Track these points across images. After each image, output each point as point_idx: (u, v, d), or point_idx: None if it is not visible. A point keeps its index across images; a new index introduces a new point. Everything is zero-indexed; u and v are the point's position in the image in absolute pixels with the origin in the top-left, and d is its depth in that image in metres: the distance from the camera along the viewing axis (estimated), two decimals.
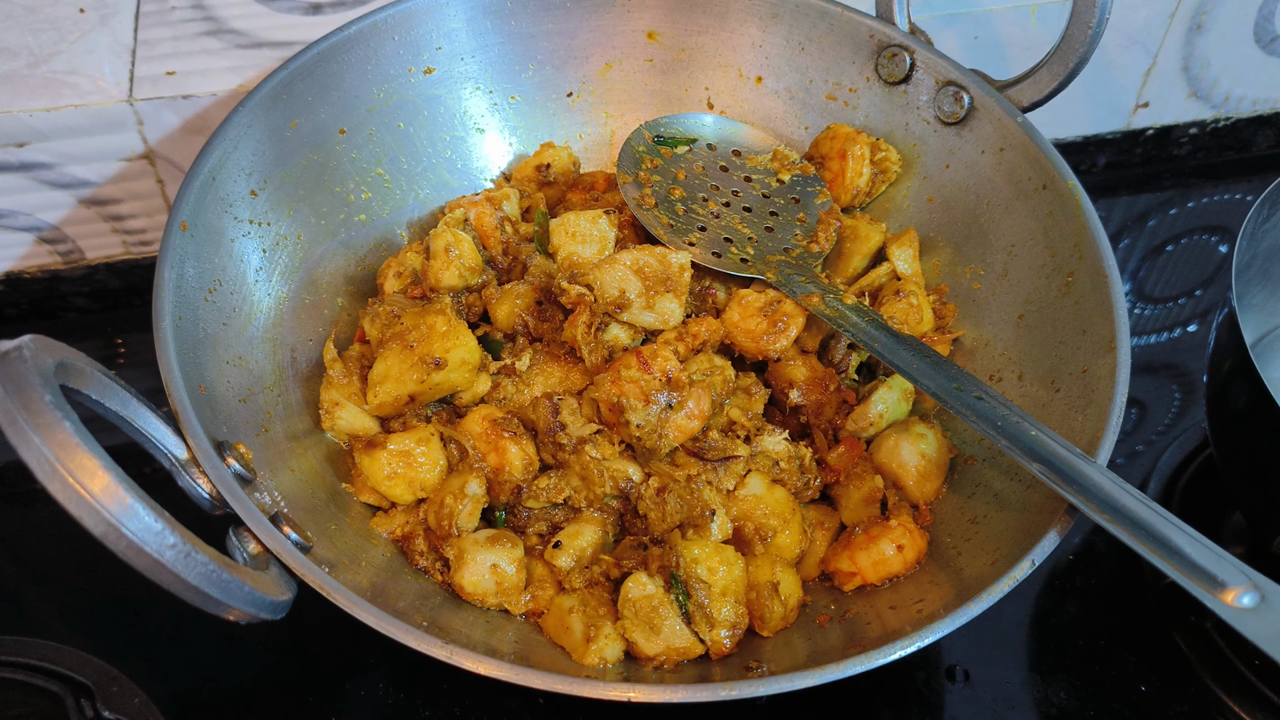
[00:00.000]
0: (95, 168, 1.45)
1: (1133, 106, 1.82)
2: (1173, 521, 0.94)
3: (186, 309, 1.08)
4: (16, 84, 1.37)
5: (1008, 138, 1.32)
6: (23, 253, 1.53)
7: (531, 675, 0.91)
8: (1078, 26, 1.25)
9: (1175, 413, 1.54)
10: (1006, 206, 1.32)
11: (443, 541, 1.11)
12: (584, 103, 1.50)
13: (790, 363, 1.24)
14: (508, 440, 1.14)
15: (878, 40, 1.41)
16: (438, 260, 1.23)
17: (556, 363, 1.21)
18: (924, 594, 1.08)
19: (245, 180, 1.21)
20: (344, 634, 0.98)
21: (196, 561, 0.79)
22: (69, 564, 1.32)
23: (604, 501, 1.15)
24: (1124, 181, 1.90)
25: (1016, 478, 1.15)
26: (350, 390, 1.19)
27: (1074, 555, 1.34)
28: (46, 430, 0.74)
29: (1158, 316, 1.69)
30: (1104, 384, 1.12)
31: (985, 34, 1.62)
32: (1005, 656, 1.26)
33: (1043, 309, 1.26)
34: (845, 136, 1.41)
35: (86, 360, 0.89)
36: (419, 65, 1.38)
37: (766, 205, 1.38)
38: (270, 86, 1.23)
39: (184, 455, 0.96)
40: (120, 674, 1.19)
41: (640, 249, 1.19)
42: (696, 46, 1.48)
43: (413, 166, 1.41)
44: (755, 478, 1.16)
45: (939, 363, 1.15)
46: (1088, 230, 1.22)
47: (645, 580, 1.05)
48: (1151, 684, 1.25)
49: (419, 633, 0.91)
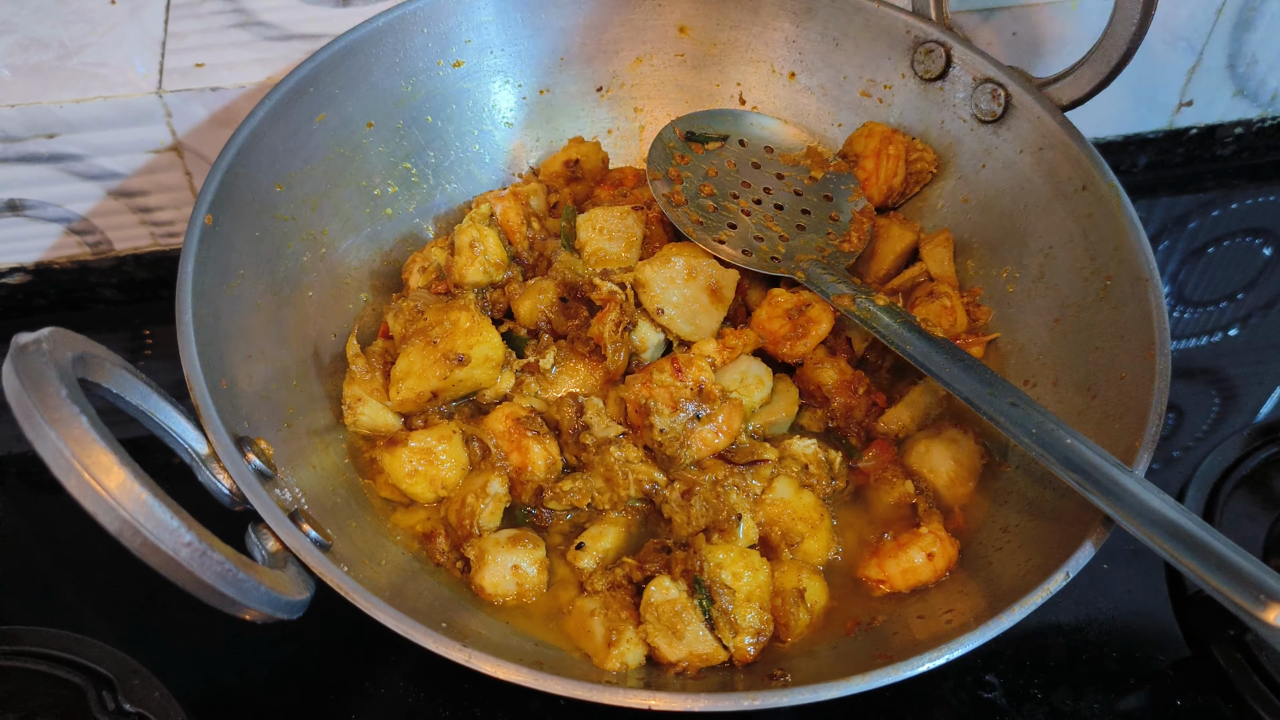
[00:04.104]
0: (124, 159, 1.45)
1: (1176, 105, 1.77)
2: (1213, 535, 0.91)
3: (210, 303, 1.08)
4: (47, 76, 1.38)
5: (1046, 137, 1.29)
6: (52, 244, 1.53)
7: (551, 680, 0.89)
8: (1121, 23, 1.22)
9: (1214, 419, 1.51)
10: (1044, 207, 1.29)
11: (464, 541, 1.10)
12: (614, 97, 1.49)
13: (819, 365, 1.22)
14: (531, 439, 1.13)
15: (914, 36, 1.38)
16: (462, 256, 1.22)
17: (581, 361, 1.19)
18: (953, 603, 1.06)
19: (271, 173, 1.20)
20: (365, 632, 0.97)
21: (212, 560, 0.78)
22: (95, 555, 1.32)
23: (628, 504, 1.14)
24: (1165, 182, 1.86)
25: (1050, 486, 1.12)
26: (373, 386, 1.18)
27: (1108, 565, 1.31)
28: (62, 425, 0.73)
29: (1198, 320, 1.65)
30: (1143, 391, 1.09)
31: (1024, 30, 1.59)
32: (1036, 668, 1.23)
33: (1080, 313, 1.23)
34: (881, 135, 1.38)
35: (107, 353, 0.88)
36: (448, 59, 1.37)
37: (798, 203, 1.35)
38: (297, 79, 1.23)
39: (204, 450, 0.96)
40: (141, 667, 1.19)
41: (694, 252, 1.19)
42: (729, 41, 1.46)
43: (440, 161, 1.40)
44: (783, 482, 1.14)
45: (972, 366, 1.12)
46: (1128, 233, 1.19)
47: (669, 584, 1.04)
48: (1188, 699, 1.22)
49: (438, 635, 0.90)
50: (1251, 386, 1.55)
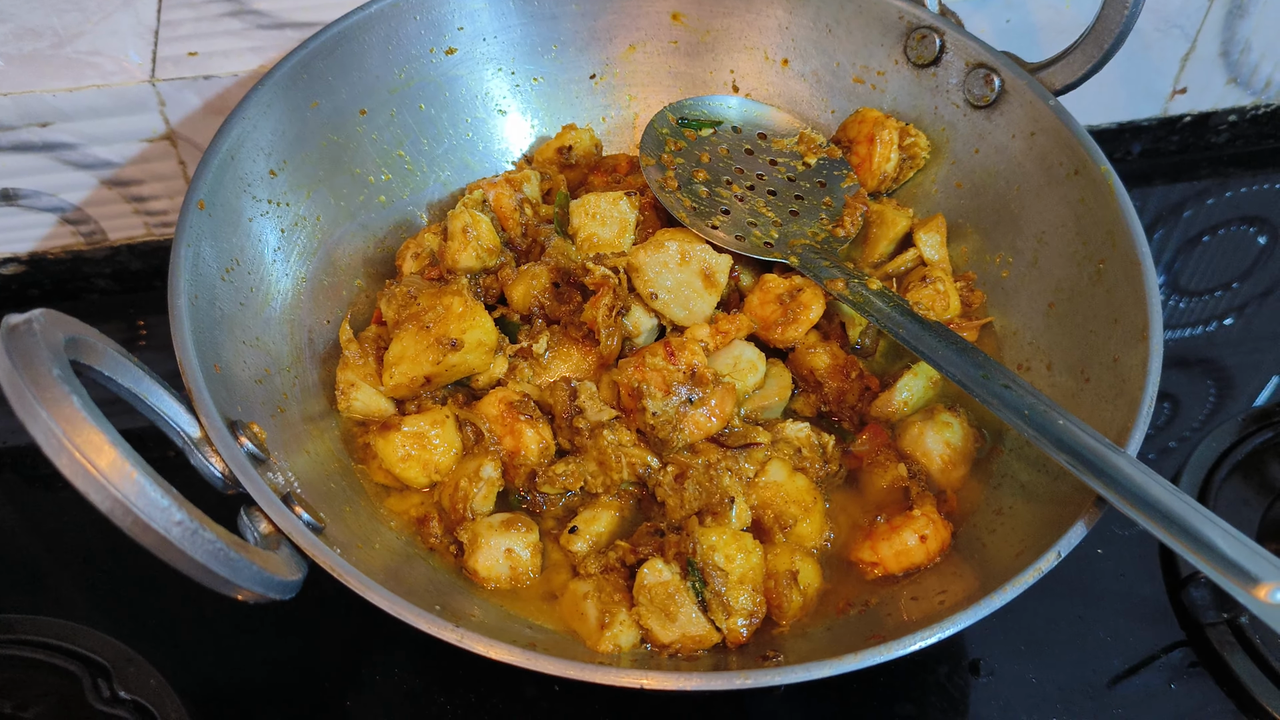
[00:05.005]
0: (117, 148, 1.45)
1: (1169, 92, 1.77)
2: (1205, 515, 0.91)
3: (203, 288, 1.08)
4: (40, 64, 1.37)
5: (1039, 121, 1.29)
6: (46, 233, 1.53)
7: (544, 661, 0.89)
8: (1113, 8, 1.22)
9: (1210, 409, 1.51)
10: (1037, 192, 1.29)
11: (457, 525, 1.10)
12: (607, 85, 1.49)
13: (811, 350, 1.22)
14: (524, 423, 1.13)
15: (907, 22, 1.38)
16: (455, 241, 1.22)
17: (574, 346, 1.20)
18: (947, 585, 1.06)
19: (264, 160, 1.20)
20: (361, 618, 0.97)
21: (204, 539, 0.78)
22: (90, 545, 1.32)
23: (621, 487, 1.14)
24: (1159, 170, 1.86)
25: (1044, 469, 1.13)
26: (366, 371, 1.18)
27: (1101, 548, 1.31)
28: (53, 404, 0.73)
29: (1193, 309, 1.65)
30: (1135, 374, 1.09)
31: (1018, 17, 1.59)
32: (1029, 651, 1.23)
33: (1073, 297, 1.23)
34: (874, 120, 1.38)
35: (98, 336, 0.88)
36: (441, 46, 1.37)
37: (792, 189, 1.35)
38: (290, 65, 1.23)
39: (197, 434, 0.96)
40: (137, 655, 1.19)
41: (687, 237, 1.19)
42: (722, 28, 1.46)
43: (434, 148, 1.39)
44: (776, 465, 1.14)
45: (965, 350, 1.12)
46: (1121, 216, 1.19)
47: (661, 567, 1.04)
48: (1182, 682, 1.22)
49: (431, 616, 0.90)
50: (1248, 375, 1.55)
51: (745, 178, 1.35)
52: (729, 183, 1.34)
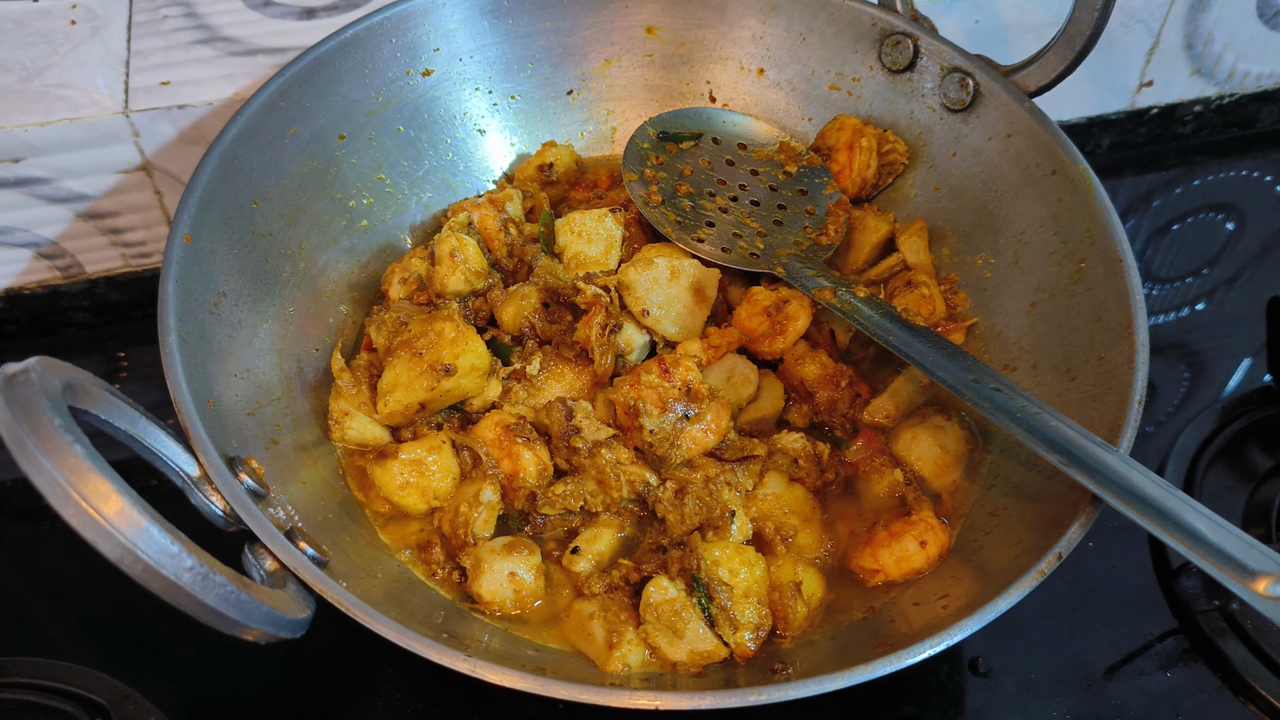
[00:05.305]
0: (92, 181, 1.43)
1: (1136, 86, 1.80)
2: (1201, 510, 0.92)
3: (192, 323, 1.07)
4: (9, 99, 1.36)
5: (1015, 123, 1.30)
6: (21, 269, 1.51)
7: (556, 686, 0.90)
8: (1083, 8, 1.23)
9: (1185, 393, 1.53)
10: (1015, 193, 1.31)
11: (459, 550, 1.10)
12: (584, 100, 1.49)
13: (800, 361, 1.23)
14: (521, 446, 1.13)
15: (880, 28, 1.39)
16: (443, 266, 1.22)
17: (567, 366, 1.20)
18: (947, 589, 1.07)
19: (247, 189, 1.20)
20: (360, 645, 0.97)
21: (214, 583, 0.78)
22: (80, 582, 1.30)
23: (621, 505, 1.14)
24: (1128, 162, 1.88)
25: (1036, 469, 1.14)
26: (359, 400, 1.17)
27: (1093, 543, 1.33)
28: (58, 454, 0.73)
29: (1165, 296, 1.67)
30: (1122, 371, 1.10)
31: (986, 18, 1.60)
32: (1027, 649, 1.24)
33: (1055, 296, 1.24)
34: (853, 128, 1.39)
35: (94, 380, 0.87)
36: (417, 67, 1.36)
37: (774, 198, 1.36)
38: (268, 94, 1.22)
39: (196, 472, 0.95)
40: (134, 692, 1.18)
41: (675, 253, 1.19)
42: (696, 40, 1.47)
43: (414, 170, 1.39)
44: (773, 476, 1.15)
45: (954, 354, 1.13)
46: (1100, 215, 1.21)
47: (666, 584, 1.04)
48: (1177, 671, 1.24)
49: (441, 646, 0.90)
50: (1221, 359, 1.58)
51: (728, 189, 1.36)
52: (712, 195, 1.34)
